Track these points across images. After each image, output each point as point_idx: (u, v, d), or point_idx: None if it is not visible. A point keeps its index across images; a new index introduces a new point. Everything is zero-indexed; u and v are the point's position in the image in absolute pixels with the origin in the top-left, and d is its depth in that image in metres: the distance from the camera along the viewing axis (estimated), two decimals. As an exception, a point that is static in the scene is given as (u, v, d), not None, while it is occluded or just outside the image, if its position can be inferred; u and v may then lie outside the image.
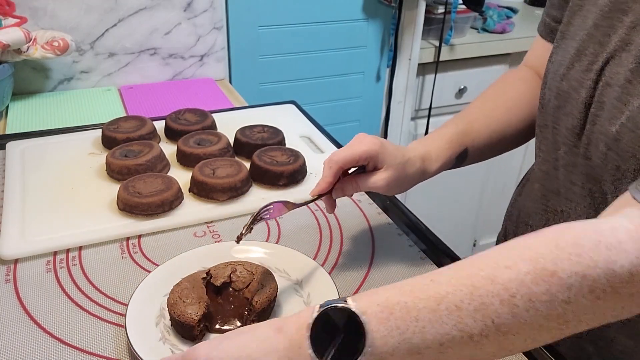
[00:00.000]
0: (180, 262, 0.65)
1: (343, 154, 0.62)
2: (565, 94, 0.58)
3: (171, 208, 0.77)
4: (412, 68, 1.74)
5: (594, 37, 0.54)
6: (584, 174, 0.57)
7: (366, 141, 0.62)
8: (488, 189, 2.12)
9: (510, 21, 1.89)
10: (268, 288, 0.58)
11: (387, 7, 1.62)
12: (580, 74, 0.56)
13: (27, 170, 0.87)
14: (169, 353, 0.54)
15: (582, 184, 0.58)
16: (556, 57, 0.61)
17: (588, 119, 0.55)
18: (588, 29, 0.55)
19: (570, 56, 0.57)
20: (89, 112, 1.18)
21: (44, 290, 0.64)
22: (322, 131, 1.04)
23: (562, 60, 0.59)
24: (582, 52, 0.56)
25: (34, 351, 0.56)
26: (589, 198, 0.58)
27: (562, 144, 0.60)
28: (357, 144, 0.62)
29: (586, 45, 0.55)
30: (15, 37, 1.08)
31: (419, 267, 0.70)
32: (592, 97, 0.54)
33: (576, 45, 0.57)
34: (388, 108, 1.81)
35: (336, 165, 0.62)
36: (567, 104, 0.58)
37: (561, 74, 0.58)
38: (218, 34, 1.38)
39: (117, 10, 1.25)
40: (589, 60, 0.55)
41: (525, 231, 0.71)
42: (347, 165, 0.63)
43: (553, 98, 0.60)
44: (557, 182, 0.63)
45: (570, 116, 0.57)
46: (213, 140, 0.92)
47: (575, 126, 0.57)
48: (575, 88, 0.56)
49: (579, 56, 0.56)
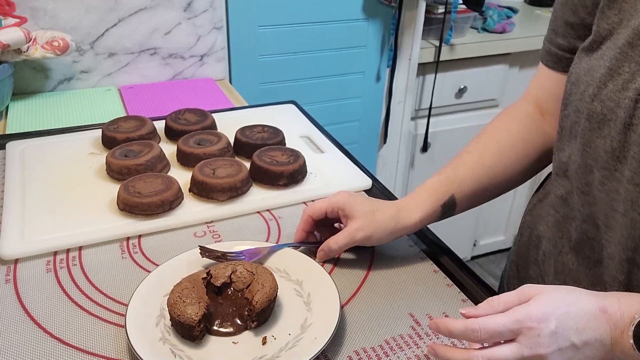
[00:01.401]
0: (180, 262, 0.65)
1: (312, 206, 0.69)
2: (599, 115, 0.54)
3: (171, 208, 0.77)
4: (412, 68, 1.74)
5: (629, 56, 0.52)
6: (629, 200, 0.53)
7: (338, 194, 0.68)
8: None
9: (510, 21, 1.89)
10: (268, 288, 0.58)
11: (387, 7, 1.62)
12: (616, 94, 0.53)
13: (27, 170, 0.87)
14: (169, 353, 0.54)
15: (624, 211, 0.54)
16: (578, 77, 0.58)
17: (631, 141, 0.51)
18: (621, 48, 0.53)
19: (600, 76, 0.54)
20: (89, 112, 1.18)
21: (44, 290, 0.64)
22: (322, 131, 1.04)
23: (589, 81, 0.56)
24: (615, 71, 0.53)
25: (34, 351, 0.56)
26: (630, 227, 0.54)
27: (599, 168, 0.55)
28: (328, 198, 0.68)
29: (620, 64, 0.53)
30: (15, 37, 1.08)
31: (419, 267, 0.70)
32: (632, 117, 0.51)
33: (607, 65, 0.54)
34: (388, 108, 1.81)
35: (305, 214, 0.69)
36: (603, 125, 0.54)
37: (591, 94, 0.55)
38: (218, 34, 1.38)
39: (117, 10, 1.25)
40: (625, 79, 0.52)
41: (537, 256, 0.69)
42: (316, 214, 0.68)
43: (583, 120, 0.56)
44: (588, 208, 0.59)
45: (607, 139, 0.54)
46: (213, 140, 0.92)
47: (615, 149, 0.53)
48: (612, 108, 0.53)
49: (612, 75, 0.53)
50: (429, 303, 0.64)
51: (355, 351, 0.57)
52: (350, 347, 0.57)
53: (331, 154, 0.96)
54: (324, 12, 1.55)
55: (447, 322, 0.48)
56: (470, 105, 1.93)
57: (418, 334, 0.59)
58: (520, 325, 0.46)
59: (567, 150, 0.61)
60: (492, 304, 0.49)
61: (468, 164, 0.69)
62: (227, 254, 0.66)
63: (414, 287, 0.66)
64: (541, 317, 0.46)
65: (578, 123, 0.58)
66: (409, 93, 1.80)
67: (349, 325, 0.60)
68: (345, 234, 0.65)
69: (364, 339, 0.58)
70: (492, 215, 2.27)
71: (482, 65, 1.86)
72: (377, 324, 0.60)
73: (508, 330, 0.46)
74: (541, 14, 2.17)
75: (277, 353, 0.55)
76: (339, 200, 0.67)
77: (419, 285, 0.67)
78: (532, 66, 1.95)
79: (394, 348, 0.57)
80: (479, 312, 0.48)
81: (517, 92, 2.31)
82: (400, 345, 0.58)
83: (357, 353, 0.57)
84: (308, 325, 0.58)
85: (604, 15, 0.56)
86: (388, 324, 0.61)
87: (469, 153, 0.71)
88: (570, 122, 0.60)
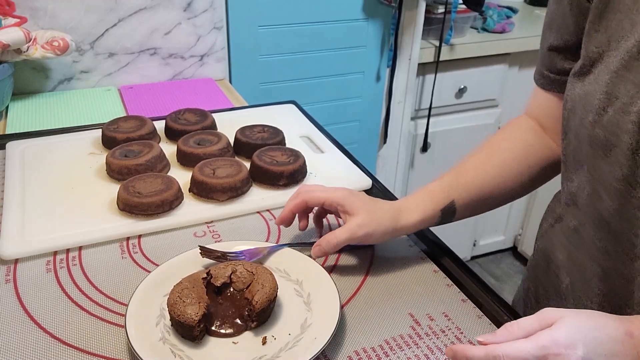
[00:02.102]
0: (180, 262, 0.65)
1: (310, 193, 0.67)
2: (602, 141, 0.52)
3: (171, 208, 0.77)
4: (412, 68, 1.74)
5: (625, 78, 0.50)
6: None
7: (339, 190, 0.67)
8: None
9: (510, 21, 1.89)
10: (268, 288, 0.58)
11: (387, 7, 1.62)
12: (618, 119, 0.51)
13: (27, 170, 0.87)
14: (169, 353, 0.54)
15: None
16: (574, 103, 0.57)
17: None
18: (616, 71, 0.51)
19: (598, 101, 0.52)
20: (89, 112, 1.18)
21: (44, 290, 0.64)
22: (322, 131, 1.04)
23: (587, 107, 0.54)
24: (613, 95, 0.51)
25: (34, 351, 0.56)
26: None
27: (612, 196, 0.53)
28: (328, 189, 0.67)
29: (617, 87, 0.51)
30: (15, 37, 1.08)
31: (419, 267, 0.70)
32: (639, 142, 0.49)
33: (604, 89, 0.52)
34: (388, 108, 1.81)
35: (300, 198, 0.67)
36: (608, 152, 0.52)
37: (591, 120, 0.53)
38: (218, 34, 1.38)
39: (117, 10, 1.25)
40: (624, 103, 0.50)
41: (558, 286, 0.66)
42: (313, 203, 0.67)
43: (587, 148, 0.55)
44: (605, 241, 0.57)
45: (615, 165, 0.52)
46: (213, 140, 0.92)
47: (626, 175, 0.51)
48: (615, 134, 0.51)
49: (610, 100, 0.51)
50: (429, 303, 0.64)
51: (355, 351, 0.57)
52: (350, 347, 0.57)
53: (331, 154, 0.96)
54: (324, 12, 1.55)
55: (465, 349, 0.46)
56: (470, 105, 1.93)
57: (418, 334, 0.59)
58: (546, 351, 0.43)
59: (576, 180, 0.59)
60: (511, 329, 0.46)
61: (470, 172, 0.68)
62: (227, 254, 0.66)
63: (414, 287, 0.66)
64: (568, 342, 0.44)
65: (581, 151, 0.56)
66: (409, 93, 1.80)
67: (349, 325, 0.60)
68: (345, 230, 0.64)
69: (364, 339, 0.58)
70: (492, 215, 2.26)
71: (481, 65, 1.86)
72: (377, 324, 0.60)
73: (533, 357, 0.43)
74: (541, 14, 2.16)
75: (277, 353, 0.55)
76: (340, 195, 0.65)
77: (419, 285, 0.67)
78: (531, 66, 1.94)
79: (394, 348, 0.57)
80: (498, 339, 0.46)
81: (517, 92, 2.31)
82: (400, 345, 0.58)
83: (357, 353, 0.57)
84: (308, 325, 0.58)
85: (591, 38, 0.54)
86: (388, 324, 0.61)
87: (472, 161, 0.70)
88: (573, 150, 0.59)
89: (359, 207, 0.64)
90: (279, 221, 0.69)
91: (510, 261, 2.44)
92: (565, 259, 0.65)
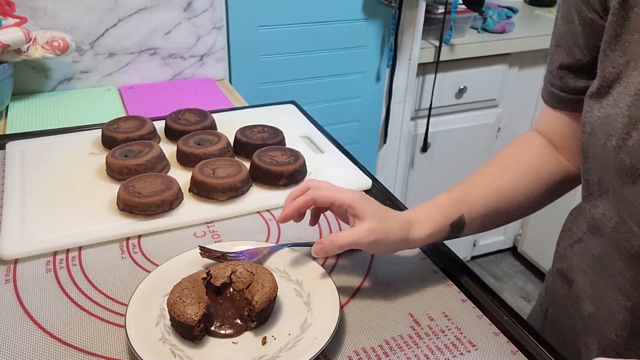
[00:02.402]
0: (180, 262, 0.65)
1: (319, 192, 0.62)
2: (629, 168, 0.50)
3: (171, 208, 0.77)
4: (412, 68, 1.74)
5: None
6: None
7: (349, 192, 0.62)
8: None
9: (510, 21, 1.89)
10: (268, 288, 0.58)
11: (387, 7, 1.62)
12: None
13: (27, 170, 0.87)
14: (169, 353, 0.54)
15: None
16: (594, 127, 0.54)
17: None
18: (638, 93, 0.49)
19: (621, 126, 0.50)
20: (89, 112, 1.18)
21: (44, 290, 0.64)
22: (322, 131, 1.04)
23: (610, 131, 0.52)
24: (637, 118, 0.49)
25: (34, 351, 0.56)
26: None
27: None
28: (338, 189, 0.63)
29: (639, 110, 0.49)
30: (15, 37, 1.08)
31: (419, 267, 0.70)
32: None
33: (626, 113, 0.50)
34: (388, 108, 1.81)
35: (309, 196, 0.62)
36: (637, 179, 0.50)
37: (615, 145, 0.51)
38: (218, 34, 1.38)
39: (117, 10, 1.25)
40: None
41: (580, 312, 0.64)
42: (321, 202, 0.63)
43: (612, 175, 0.53)
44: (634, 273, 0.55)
45: None
46: (213, 140, 0.92)
47: None
48: None
49: (634, 124, 0.49)
50: (429, 303, 0.64)
51: (355, 351, 0.57)
52: (350, 347, 0.57)
53: (331, 154, 0.96)
54: (324, 12, 1.55)
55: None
56: (470, 105, 1.93)
57: (418, 334, 0.59)
58: None
59: (600, 207, 0.58)
60: None
61: (480, 186, 0.66)
62: (227, 254, 0.66)
63: (414, 287, 0.66)
64: None
65: (606, 177, 0.54)
66: (409, 93, 1.80)
67: (349, 325, 0.60)
68: (353, 233, 0.60)
69: (364, 339, 0.58)
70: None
71: (481, 65, 1.86)
72: (377, 324, 0.60)
73: None
74: (541, 14, 2.17)
75: (277, 353, 0.55)
76: (351, 197, 0.61)
77: (419, 285, 0.67)
78: (531, 66, 1.95)
79: (394, 348, 0.57)
80: None
81: (517, 92, 2.31)
82: (400, 345, 0.58)
83: (357, 353, 0.57)
84: (308, 325, 0.58)
85: (608, 59, 0.53)
86: (388, 324, 0.61)
87: (482, 175, 0.67)
88: (596, 176, 0.57)
89: (370, 213, 0.60)
90: (282, 218, 0.64)
91: (510, 261, 2.44)
92: (586, 285, 0.63)
